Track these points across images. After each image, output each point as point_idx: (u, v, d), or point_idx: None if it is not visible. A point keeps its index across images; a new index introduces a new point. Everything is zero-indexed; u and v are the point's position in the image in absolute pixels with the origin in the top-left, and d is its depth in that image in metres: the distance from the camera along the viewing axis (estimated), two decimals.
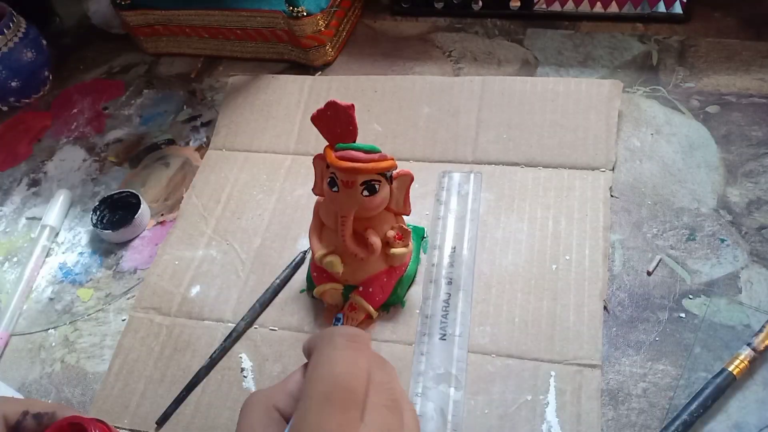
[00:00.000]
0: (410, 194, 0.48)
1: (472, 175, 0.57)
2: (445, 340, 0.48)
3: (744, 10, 0.67)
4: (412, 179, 0.47)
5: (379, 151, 0.45)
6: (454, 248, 0.53)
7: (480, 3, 0.72)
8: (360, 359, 0.29)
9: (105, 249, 0.61)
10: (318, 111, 0.45)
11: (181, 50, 0.78)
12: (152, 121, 0.72)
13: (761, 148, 0.56)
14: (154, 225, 0.62)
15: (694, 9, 0.67)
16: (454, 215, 0.55)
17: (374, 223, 0.48)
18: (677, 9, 0.67)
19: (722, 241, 0.51)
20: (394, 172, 0.47)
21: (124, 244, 0.60)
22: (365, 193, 0.45)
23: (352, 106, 0.44)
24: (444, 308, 0.50)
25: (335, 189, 0.46)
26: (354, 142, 0.46)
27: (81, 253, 0.61)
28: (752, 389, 0.43)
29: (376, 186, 0.45)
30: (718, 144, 0.57)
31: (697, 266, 0.50)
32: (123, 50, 0.81)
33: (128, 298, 0.57)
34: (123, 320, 0.55)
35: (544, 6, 0.71)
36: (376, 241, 0.47)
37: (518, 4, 0.72)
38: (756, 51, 0.63)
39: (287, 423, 0.31)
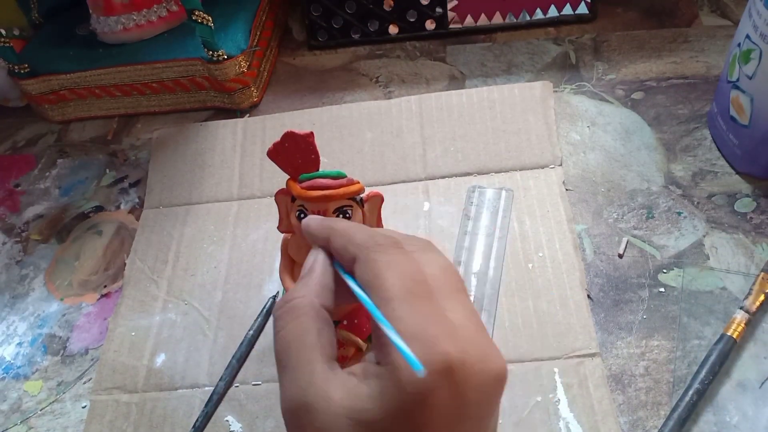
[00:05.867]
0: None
1: (503, 192, 0.56)
2: None
3: (642, 3, 0.72)
4: (382, 200, 0.46)
5: (346, 176, 0.44)
6: (479, 266, 0.52)
7: (396, 28, 0.73)
8: (413, 260, 0.27)
9: (47, 334, 0.55)
10: (274, 145, 0.43)
11: (91, 113, 0.73)
12: (73, 190, 0.67)
13: (690, 123, 0.59)
14: (99, 298, 0.57)
15: (598, 7, 0.71)
16: (484, 232, 0.54)
17: None
18: (583, 9, 0.71)
19: (679, 214, 0.53)
20: (364, 195, 0.45)
21: (68, 325, 0.55)
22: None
23: (312, 133, 0.43)
24: None
25: None
26: (317, 170, 0.44)
27: (19, 344, 0.54)
28: (745, 347, 0.44)
29: (349, 211, 0.43)
30: (651, 126, 0.60)
31: (662, 241, 0.52)
32: (25, 122, 0.75)
33: (85, 382, 0.51)
34: (84, 407, 0.49)
35: (458, 23, 0.73)
36: None
37: (433, 24, 0.73)
38: (662, 38, 0.67)
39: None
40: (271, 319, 0.52)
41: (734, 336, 0.43)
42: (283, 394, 0.26)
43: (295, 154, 0.44)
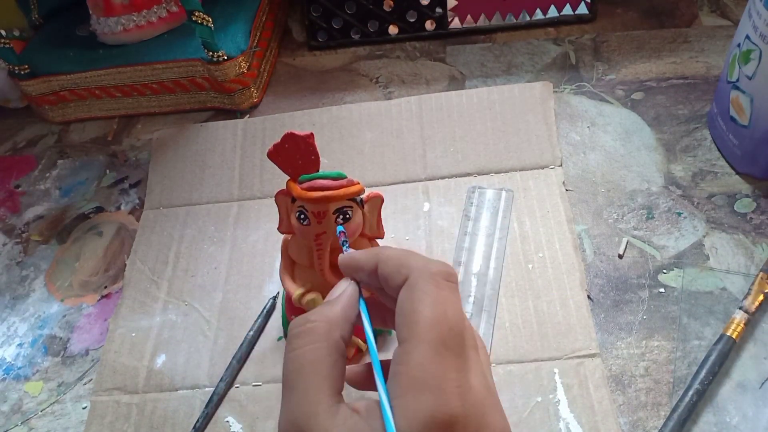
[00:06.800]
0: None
1: (503, 193, 0.56)
2: None
3: (642, 3, 0.72)
4: (382, 201, 0.46)
5: (346, 177, 0.44)
6: (479, 267, 0.52)
7: (396, 28, 0.73)
8: (459, 301, 0.27)
9: (48, 335, 0.55)
10: (274, 145, 0.43)
11: (91, 114, 0.74)
12: (74, 191, 0.67)
13: (690, 124, 0.59)
14: (99, 299, 0.57)
15: (598, 7, 0.71)
16: (484, 233, 0.54)
17: None
18: (583, 9, 0.71)
19: (679, 214, 0.53)
20: (364, 195, 0.45)
21: (69, 326, 0.55)
22: (339, 221, 0.43)
23: (312, 134, 0.43)
24: None
25: (306, 223, 0.43)
26: (317, 171, 0.44)
27: (20, 345, 0.54)
28: (745, 347, 0.44)
29: (349, 212, 0.44)
30: (651, 126, 0.60)
31: (662, 242, 0.52)
32: (26, 123, 0.75)
33: (85, 383, 0.51)
34: (84, 408, 0.49)
35: (458, 23, 0.73)
36: None
37: (433, 24, 0.73)
38: (662, 38, 0.67)
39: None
40: (270, 320, 0.52)
41: (733, 336, 0.43)
42: (285, 415, 0.25)
43: (295, 155, 0.44)
